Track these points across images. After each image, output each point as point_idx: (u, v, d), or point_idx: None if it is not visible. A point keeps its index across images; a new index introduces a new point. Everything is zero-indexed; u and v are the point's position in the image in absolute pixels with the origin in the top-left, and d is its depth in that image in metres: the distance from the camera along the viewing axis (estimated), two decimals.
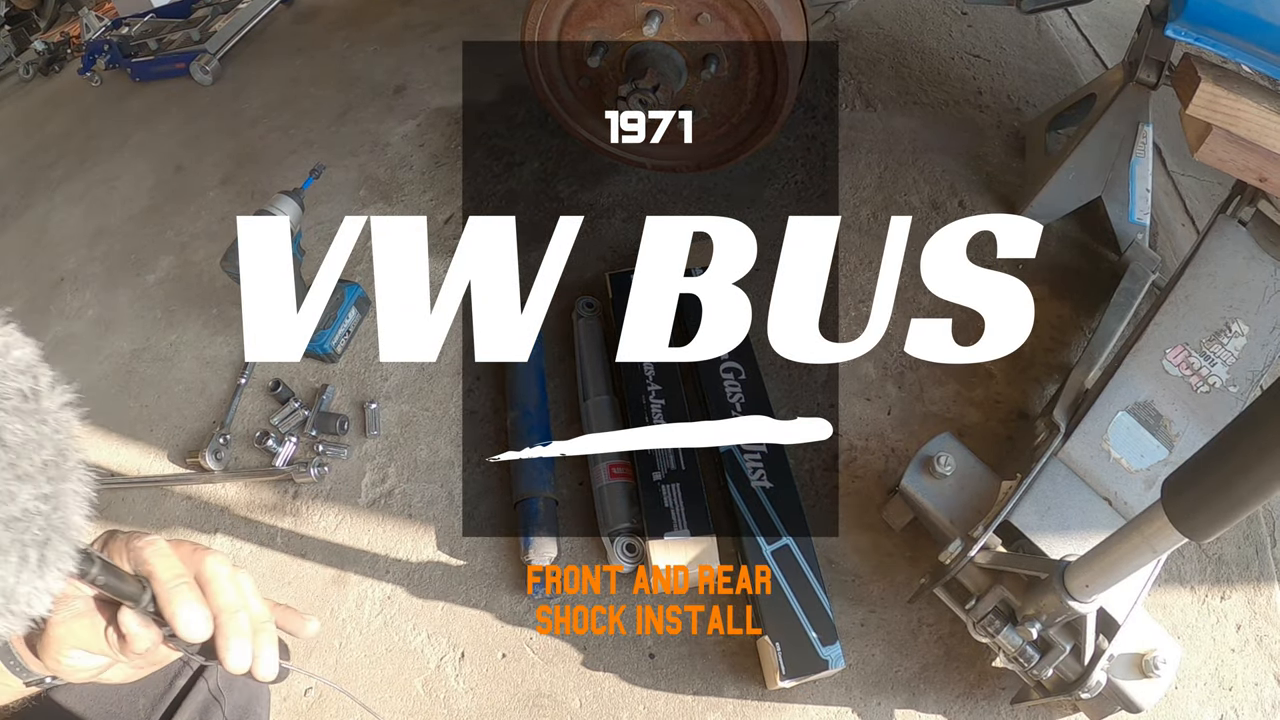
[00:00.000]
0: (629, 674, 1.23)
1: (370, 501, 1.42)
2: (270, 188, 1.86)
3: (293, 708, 1.23)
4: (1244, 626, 1.25)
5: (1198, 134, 1.26)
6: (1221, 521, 0.70)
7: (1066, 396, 1.26)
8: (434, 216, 1.81)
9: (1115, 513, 1.13)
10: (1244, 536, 1.33)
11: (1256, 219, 1.35)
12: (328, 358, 1.57)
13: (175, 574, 0.53)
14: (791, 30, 1.41)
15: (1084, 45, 2.16)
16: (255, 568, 1.37)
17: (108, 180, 2.14)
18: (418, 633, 1.28)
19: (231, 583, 0.56)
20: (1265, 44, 1.18)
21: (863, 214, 1.73)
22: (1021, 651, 1.02)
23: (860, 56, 2.07)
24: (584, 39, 1.48)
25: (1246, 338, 1.26)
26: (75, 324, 1.80)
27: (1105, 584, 0.88)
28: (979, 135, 1.87)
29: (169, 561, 0.53)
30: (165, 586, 0.52)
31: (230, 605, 0.54)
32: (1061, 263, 1.63)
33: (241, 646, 0.54)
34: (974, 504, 1.16)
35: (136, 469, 1.52)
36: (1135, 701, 1.03)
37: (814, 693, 1.19)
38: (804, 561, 1.21)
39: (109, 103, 2.46)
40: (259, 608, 0.58)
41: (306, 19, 2.62)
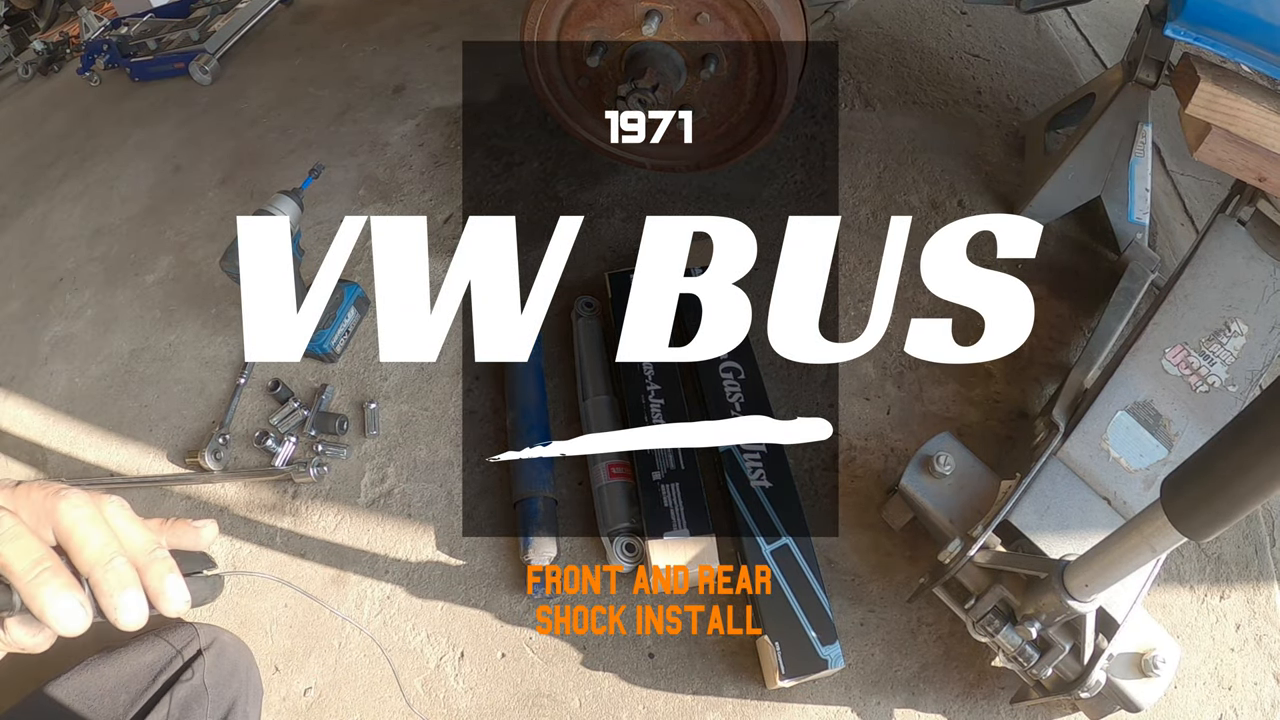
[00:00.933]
0: (628, 674, 1.23)
1: (370, 501, 1.42)
2: (269, 187, 1.86)
3: (292, 707, 1.23)
4: (1243, 626, 1.25)
5: (1197, 134, 1.26)
6: (1221, 521, 0.70)
7: (1066, 396, 1.26)
8: (433, 216, 1.81)
9: (1114, 512, 1.13)
10: (1243, 536, 1.33)
11: (1256, 218, 1.35)
12: (327, 358, 1.57)
13: (32, 561, 0.45)
14: (791, 30, 1.41)
15: (1083, 45, 2.16)
16: (254, 567, 1.37)
17: (107, 180, 2.14)
18: (417, 632, 1.28)
19: (95, 526, 0.47)
20: (1264, 44, 1.18)
21: (862, 214, 1.73)
22: (1021, 651, 1.02)
23: (859, 56, 2.07)
24: (583, 39, 1.48)
25: (1246, 337, 1.26)
26: (74, 324, 1.80)
27: (1104, 583, 0.88)
28: (978, 135, 1.87)
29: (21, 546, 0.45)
30: (24, 582, 0.44)
31: (100, 556, 0.46)
32: (1061, 262, 1.63)
33: (128, 599, 0.46)
34: (973, 503, 1.16)
35: (136, 469, 1.52)
36: (1134, 701, 1.03)
37: (813, 692, 1.19)
38: (803, 561, 1.21)
39: (108, 103, 2.46)
40: (142, 538, 0.49)
41: (305, 19, 2.62)
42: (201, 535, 0.54)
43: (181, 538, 0.53)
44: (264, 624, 1.31)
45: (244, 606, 1.33)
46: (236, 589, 1.35)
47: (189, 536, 0.54)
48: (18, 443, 1.61)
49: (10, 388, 1.71)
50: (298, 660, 1.27)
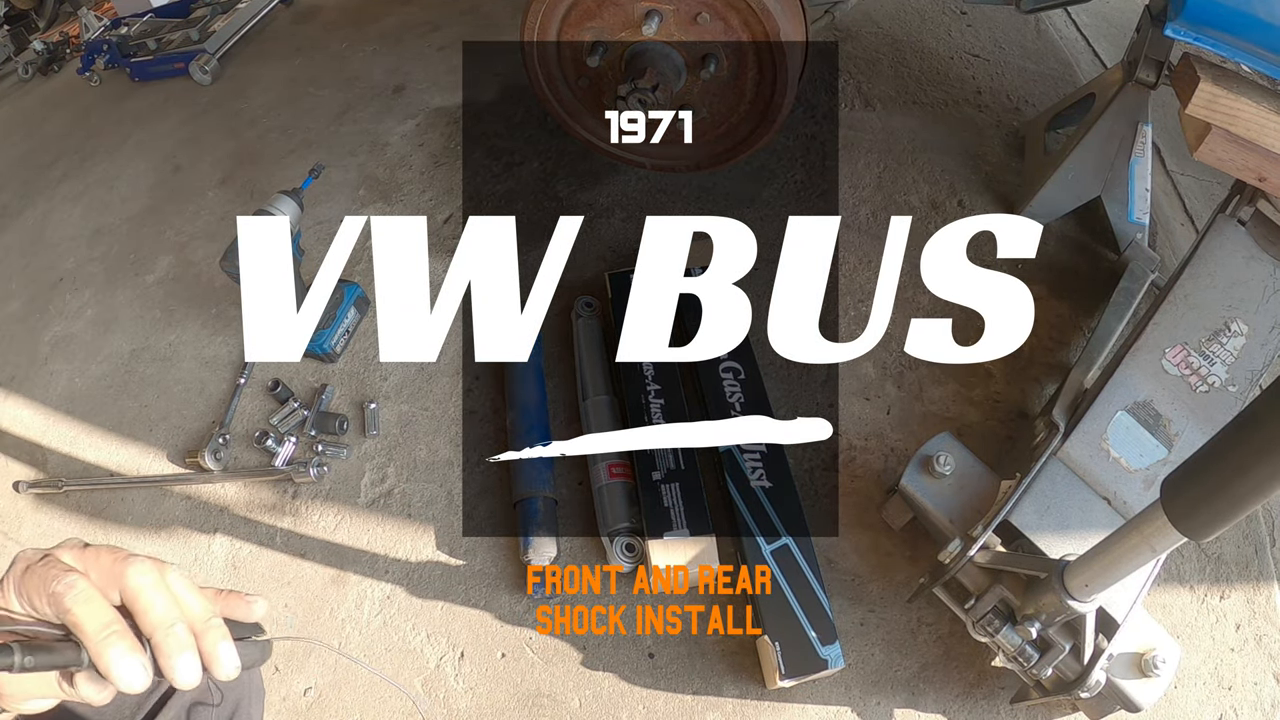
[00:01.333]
0: (628, 674, 1.23)
1: (370, 501, 1.42)
2: (269, 187, 1.86)
3: (292, 707, 1.23)
4: (1243, 626, 1.25)
5: (1197, 133, 1.26)
6: (1220, 521, 0.70)
7: (1066, 396, 1.26)
8: (433, 216, 1.81)
9: (1114, 512, 1.13)
10: (1243, 536, 1.33)
11: (1255, 218, 1.35)
12: (327, 357, 1.57)
13: (102, 623, 0.48)
14: (791, 30, 1.41)
15: (1083, 45, 2.16)
16: (255, 567, 1.38)
17: (107, 180, 2.14)
18: (417, 632, 1.28)
19: (159, 592, 0.51)
20: (1264, 44, 1.18)
21: (862, 213, 1.73)
22: (1021, 651, 1.02)
23: (859, 56, 2.07)
24: (583, 39, 1.48)
25: (1245, 337, 1.26)
26: (74, 324, 1.80)
27: (1104, 583, 0.88)
28: (978, 135, 1.87)
29: (92, 608, 0.49)
30: (93, 641, 0.48)
31: (162, 621, 0.50)
32: (1061, 262, 1.63)
33: (185, 661, 0.50)
34: (973, 503, 1.16)
35: (136, 469, 1.52)
36: (1134, 701, 1.03)
37: (813, 692, 1.19)
38: (803, 561, 1.21)
39: (108, 102, 2.46)
40: (199, 606, 0.53)
41: (305, 19, 2.62)
42: (253, 609, 0.60)
43: (234, 609, 0.58)
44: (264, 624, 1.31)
45: None
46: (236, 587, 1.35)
47: (241, 609, 0.59)
48: (18, 443, 1.61)
49: (10, 388, 1.71)
50: (298, 660, 1.27)
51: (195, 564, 1.39)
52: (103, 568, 0.51)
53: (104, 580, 0.51)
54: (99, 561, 0.51)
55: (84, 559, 0.51)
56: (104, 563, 0.51)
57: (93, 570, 0.51)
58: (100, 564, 0.51)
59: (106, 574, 0.51)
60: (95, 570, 0.51)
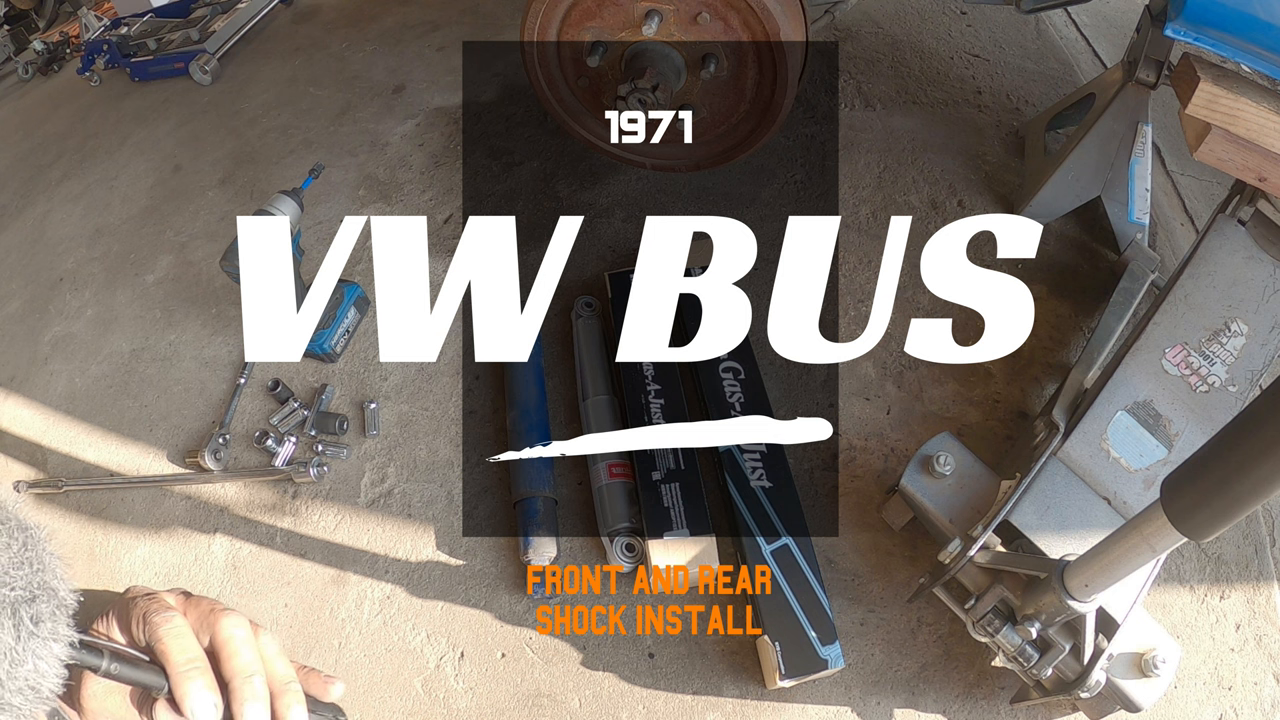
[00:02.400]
0: (628, 674, 1.23)
1: (369, 501, 1.42)
2: (269, 187, 1.86)
3: None
4: (1243, 626, 1.25)
5: (1197, 133, 1.26)
6: (1220, 521, 0.70)
7: (1066, 396, 1.26)
8: (433, 216, 1.81)
9: (1114, 512, 1.13)
10: (1243, 536, 1.33)
11: (1255, 218, 1.35)
12: (327, 357, 1.57)
13: (188, 658, 0.52)
14: (791, 30, 1.41)
15: (1083, 45, 2.16)
16: (255, 567, 1.37)
17: (106, 180, 2.14)
18: (417, 632, 1.28)
19: (247, 645, 0.55)
20: (1264, 44, 1.18)
21: (862, 213, 1.73)
22: (1021, 651, 1.02)
23: (860, 56, 2.07)
24: (583, 39, 1.48)
25: (1245, 337, 1.26)
26: (74, 324, 1.80)
27: (1104, 583, 0.88)
28: (978, 135, 1.87)
29: (182, 644, 0.53)
30: (177, 671, 0.52)
31: (243, 669, 0.54)
32: (1061, 262, 1.63)
33: (255, 710, 0.53)
34: (973, 503, 1.16)
35: (136, 469, 1.52)
36: (1134, 701, 1.03)
37: (813, 692, 1.19)
38: (803, 561, 1.21)
39: (108, 102, 2.46)
40: (283, 669, 0.57)
41: (305, 19, 2.62)
42: (329, 689, 0.62)
43: (312, 685, 0.61)
44: (264, 624, 1.30)
45: (245, 606, 1.32)
46: (237, 587, 1.35)
47: (319, 686, 0.61)
48: (18, 443, 1.62)
49: (10, 388, 1.71)
50: (298, 659, 1.26)
51: (195, 564, 1.39)
52: (201, 613, 0.55)
53: (199, 624, 0.54)
54: (199, 608, 0.55)
55: (184, 603, 0.55)
56: (203, 609, 0.55)
57: (191, 614, 0.55)
58: (199, 610, 0.55)
59: (203, 619, 0.55)
60: (194, 614, 0.55)
